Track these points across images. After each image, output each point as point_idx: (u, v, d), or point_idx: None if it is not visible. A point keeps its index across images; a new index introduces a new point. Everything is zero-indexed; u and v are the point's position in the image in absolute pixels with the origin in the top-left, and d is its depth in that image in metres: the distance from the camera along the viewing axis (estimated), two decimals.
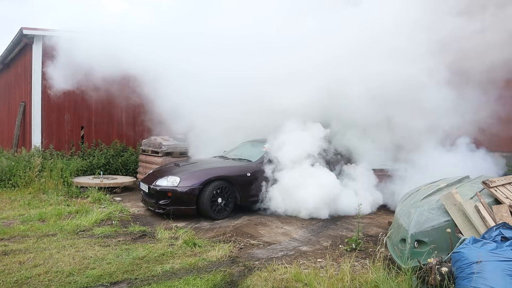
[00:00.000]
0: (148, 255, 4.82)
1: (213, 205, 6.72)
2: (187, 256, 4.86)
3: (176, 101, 8.73)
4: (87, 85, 10.07)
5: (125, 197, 8.76)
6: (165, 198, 6.70)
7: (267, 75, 7.62)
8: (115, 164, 10.93)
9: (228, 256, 4.87)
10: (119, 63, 8.59)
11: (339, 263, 4.54)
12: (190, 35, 8.71)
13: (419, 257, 3.89)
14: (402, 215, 4.54)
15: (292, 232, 6.10)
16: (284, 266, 4.37)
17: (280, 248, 5.30)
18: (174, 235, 5.61)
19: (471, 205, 4.18)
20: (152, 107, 9.62)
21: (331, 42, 7.19)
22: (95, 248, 5.07)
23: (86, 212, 6.75)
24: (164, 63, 8.62)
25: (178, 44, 8.67)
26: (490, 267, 3.11)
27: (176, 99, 8.76)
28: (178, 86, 8.48)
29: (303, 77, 7.36)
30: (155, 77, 8.80)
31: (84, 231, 5.87)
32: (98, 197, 8.04)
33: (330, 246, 5.41)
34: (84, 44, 8.80)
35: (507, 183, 4.94)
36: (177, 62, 8.57)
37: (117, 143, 11.43)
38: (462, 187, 4.93)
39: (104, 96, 10.71)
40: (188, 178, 6.79)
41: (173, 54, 8.63)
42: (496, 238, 3.50)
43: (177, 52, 8.60)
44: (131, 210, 7.41)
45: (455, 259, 3.43)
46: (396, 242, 4.37)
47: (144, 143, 10.34)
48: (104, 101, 10.91)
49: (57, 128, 10.86)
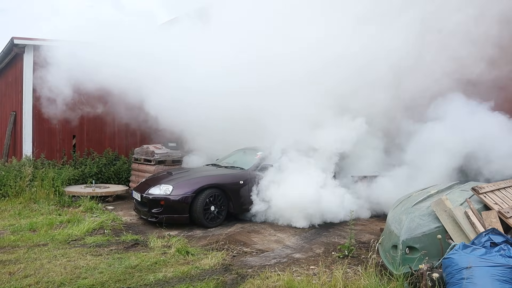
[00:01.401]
0: (140, 264, 4.80)
1: (206, 213, 6.71)
2: (180, 264, 4.84)
3: (169, 110, 8.74)
4: (79, 94, 10.05)
5: (117, 206, 8.71)
6: (157, 207, 6.68)
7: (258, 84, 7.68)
8: (107, 172, 10.87)
9: (221, 264, 4.86)
10: (111, 72, 8.60)
11: (332, 270, 4.55)
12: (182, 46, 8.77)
13: (410, 263, 3.93)
14: (393, 222, 4.58)
15: (285, 239, 6.11)
16: (277, 273, 4.38)
17: (273, 255, 5.31)
18: (167, 244, 5.59)
19: (461, 211, 4.24)
20: (144, 115, 9.62)
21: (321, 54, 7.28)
22: (87, 257, 5.03)
23: (78, 222, 6.70)
24: (157, 72, 8.65)
25: (171, 53, 8.71)
26: (480, 272, 3.16)
27: (168, 108, 8.77)
28: (170, 95, 8.49)
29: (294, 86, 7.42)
30: (147, 86, 8.81)
31: (76, 241, 5.82)
32: (90, 206, 7.98)
33: (323, 253, 5.43)
34: (75, 53, 8.80)
35: (496, 189, 5.01)
36: (169, 70, 8.61)
37: (109, 151, 11.38)
38: (452, 193, 4.98)
39: (96, 105, 10.70)
40: (180, 186, 6.78)
41: (165, 63, 8.67)
42: (486, 243, 3.55)
43: (168, 61, 8.65)
44: (124, 219, 7.36)
45: (446, 265, 3.47)
46: (388, 249, 4.41)
47: (137, 152, 10.31)
48: (96, 110, 10.88)
49: (48, 137, 10.79)
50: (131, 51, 8.64)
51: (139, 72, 8.62)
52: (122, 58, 8.58)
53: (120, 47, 8.70)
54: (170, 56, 8.73)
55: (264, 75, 7.64)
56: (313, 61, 7.20)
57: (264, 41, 7.80)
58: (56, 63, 9.15)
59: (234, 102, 7.89)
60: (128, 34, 8.80)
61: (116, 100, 9.63)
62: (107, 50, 8.68)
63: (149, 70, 8.66)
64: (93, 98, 10.44)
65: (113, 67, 8.54)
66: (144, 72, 8.65)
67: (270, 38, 7.76)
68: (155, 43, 8.84)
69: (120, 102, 9.57)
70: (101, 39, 8.85)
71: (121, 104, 9.66)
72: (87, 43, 9.00)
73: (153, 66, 8.65)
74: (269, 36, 7.79)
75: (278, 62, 7.54)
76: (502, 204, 4.56)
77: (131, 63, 8.55)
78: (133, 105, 9.39)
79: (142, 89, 8.83)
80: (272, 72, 7.56)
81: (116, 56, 8.59)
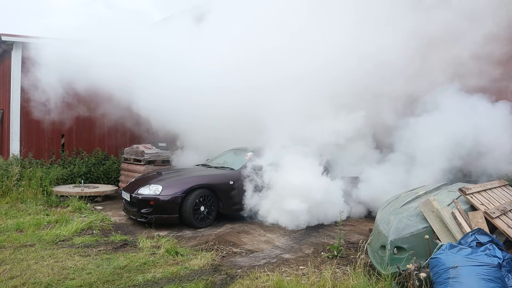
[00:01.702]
0: (129, 265, 4.77)
1: (195, 214, 6.69)
2: (169, 265, 4.82)
3: (159, 110, 8.70)
4: (68, 93, 9.94)
5: (106, 206, 8.64)
6: (147, 207, 6.64)
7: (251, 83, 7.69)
8: (96, 172, 10.78)
9: (211, 264, 4.85)
10: (101, 71, 8.53)
11: (321, 270, 4.58)
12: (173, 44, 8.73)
13: (398, 263, 3.97)
14: (382, 222, 4.62)
15: (275, 240, 6.12)
16: (266, 274, 4.39)
17: (263, 256, 5.31)
18: (156, 244, 5.57)
19: (448, 212, 4.29)
20: (134, 115, 9.56)
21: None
22: (75, 258, 4.99)
23: (66, 222, 6.62)
24: (147, 72, 8.61)
25: (161, 52, 8.67)
26: (466, 271, 3.20)
27: (159, 108, 8.73)
28: (161, 94, 8.45)
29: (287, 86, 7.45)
30: (137, 85, 8.76)
31: (64, 241, 5.76)
32: (79, 206, 7.91)
33: (312, 253, 5.45)
34: (65, 51, 8.70)
35: (483, 190, 5.09)
36: (160, 69, 8.57)
37: (98, 151, 11.28)
38: (440, 194, 5.05)
39: (86, 104, 10.60)
40: (170, 186, 6.76)
41: (156, 61, 8.63)
42: (472, 243, 3.60)
43: (159, 59, 8.61)
44: (113, 219, 7.31)
45: (433, 265, 3.51)
46: (377, 249, 4.44)
47: (126, 152, 10.24)
48: (85, 109, 10.79)
49: (36, 136, 10.66)
50: (121, 50, 8.58)
51: (130, 71, 8.57)
52: (113, 56, 8.51)
53: (111, 45, 8.63)
54: (160, 54, 8.68)
55: (255, 74, 7.66)
56: (312, 59, 7.25)
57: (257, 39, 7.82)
58: (45, 61, 9.05)
59: (225, 100, 7.90)
60: (119, 32, 8.73)
61: (106, 99, 9.57)
62: (97, 49, 8.61)
63: (139, 69, 8.60)
64: (83, 97, 10.35)
65: (103, 65, 8.47)
66: (135, 71, 8.59)
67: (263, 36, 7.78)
68: (146, 42, 8.79)
69: (110, 101, 9.50)
70: (92, 37, 8.78)
71: (111, 103, 9.60)
72: (77, 41, 8.91)
73: (144, 64, 8.60)
74: (259, 35, 7.81)
75: (272, 60, 7.57)
76: (488, 204, 4.64)
77: (122, 62, 8.49)
78: (123, 105, 9.33)
79: (132, 88, 8.77)
80: (262, 71, 7.58)
81: (106, 55, 8.52)
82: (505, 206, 4.77)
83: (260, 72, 7.64)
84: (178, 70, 8.49)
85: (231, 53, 8.06)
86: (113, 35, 8.75)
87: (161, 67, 8.58)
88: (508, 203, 5.00)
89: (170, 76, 8.51)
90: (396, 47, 6.92)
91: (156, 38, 8.89)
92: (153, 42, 8.79)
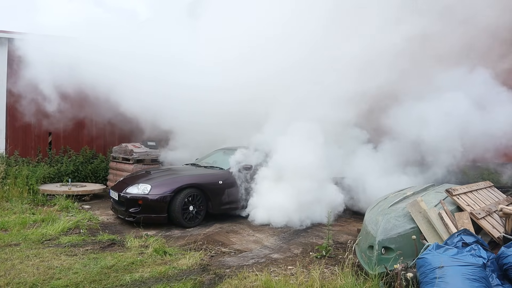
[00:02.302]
0: (117, 264, 4.73)
1: (184, 213, 6.66)
2: (157, 264, 4.79)
3: (148, 108, 8.64)
4: (56, 90, 9.79)
5: (94, 205, 8.55)
6: (135, 206, 6.59)
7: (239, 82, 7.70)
8: (84, 171, 10.67)
9: (199, 264, 4.84)
10: (89, 69, 8.44)
11: (309, 270, 4.59)
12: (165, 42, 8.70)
13: (386, 263, 4.00)
14: (370, 223, 4.66)
15: (264, 239, 6.13)
16: (255, 273, 4.38)
17: (251, 255, 5.31)
18: (144, 244, 5.53)
19: (435, 213, 4.35)
20: (123, 113, 9.47)
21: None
22: (61, 257, 4.92)
23: (52, 221, 6.53)
24: (135, 69, 8.54)
25: (151, 51, 8.62)
26: (452, 271, 3.25)
27: (148, 106, 8.67)
28: (149, 93, 8.40)
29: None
30: (126, 83, 8.68)
31: (50, 240, 5.69)
32: (66, 205, 7.81)
33: (301, 253, 5.46)
34: (52, 48, 8.59)
35: (469, 191, 5.17)
36: (148, 69, 8.52)
37: (86, 149, 11.15)
38: (427, 195, 5.11)
39: (74, 101, 10.46)
40: (159, 185, 6.71)
41: (145, 60, 8.57)
42: (458, 244, 3.66)
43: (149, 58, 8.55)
44: (100, 218, 7.24)
45: (420, 265, 3.55)
46: (365, 249, 4.48)
47: (115, 150, 10.15)
48: (73, 107, 10.64)
49: (23, 134, 10.49)
50: (109, 48, 8.50)
51: (118, 68, 8.48)
52: (100, 54, 8.43)
53: (99, 43, 8.55)
54: (148, 52, 8.62)
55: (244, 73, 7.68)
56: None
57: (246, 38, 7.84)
58: (32, 57, 8.92)
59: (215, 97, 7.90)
60: (107, 30, 8.65)
61: (94, 97, 9.46)
62: (85, 46, 8.52)
63: (127, 67, 8.53)
64: (71, 95, 10.20)
65: (91, 63, 8.38)
66: (124, 69, 8.52)
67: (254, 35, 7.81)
68: (134, 40, 8.72)
69: (99, 99, 9.40)
70: (80, 34, 8.68)
71: (99, 101, 9.49)
72: (65, 38, 8.80)
73: (131, 63, 8.53)
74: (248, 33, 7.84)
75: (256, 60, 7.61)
76: (474, 205, 4.71)
77: (109, 60, 8.41)
78: (111, 103, 9.23)
79: (121, 86, 8.69)
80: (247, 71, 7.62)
81: (94, 52, 8.44)
82: (490, 207, 4.85)
83: (249, 70, 7.67)
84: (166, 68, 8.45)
85: (219, 51, 8.07)
86: (101, 32, 8.67)
87: (149, 65, 8.52)
88: (493, 204, 5.09)
89: (158, 74, 8.46)
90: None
91: (144, 35, 8.83)
92: (141, 40, 8.73)
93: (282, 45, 7.56)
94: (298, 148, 6.91)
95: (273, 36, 7.55)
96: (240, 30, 7.99)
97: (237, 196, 7.27)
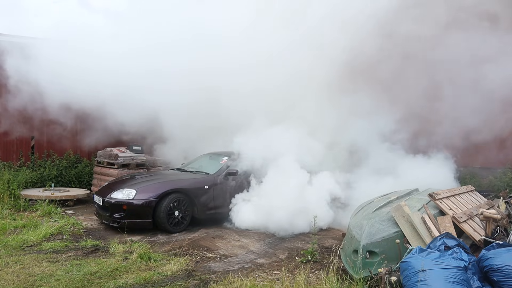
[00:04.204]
0: (100, 270, 4.66)
1: (170, 218, 6.61)
2: (141, 270, 4.74)
3: (134, 112, 8.57)
4: (39, 93, 9.62)
5: (78, 210, 8.41)
6: (120, 211, 6.52)
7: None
8: (68, 176, 10.48)
9: (184, 269, 4.80)
10: (72, 70, 8.33)
11: (295, 274, 4.60)
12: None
13: (370, 267, 4.04)
14: (355, 227, 4.70)
15: (249, 244, 6.12)
16: (240, 279, 4.37)
17: (237, 261, 5.30)
18: (129, 249, 5.46)
19: (418, 217, 4.41)
20: (108, 117, 9.36)
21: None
22: (42, 264, 4.83)
23: (34, 227, 6.40)
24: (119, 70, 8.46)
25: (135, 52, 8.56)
26: (434, 275, 3.29)
27: (134, 110, 8.60)
28: (134, 96, 8.33)
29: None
30: (110, 86, 8.58)
31: (31, 247, 5.58)
32: (49, 210, 7.66)
33: (286, 258, 5.47)
34: (34, 49, 8.47)
35: (451, 195, 5.26)
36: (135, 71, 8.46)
37: (70, 154, 10.97)
38: (411, 200, 5.18)
39: (57, 105, 10.28)
40: (144, 190, 6.65)
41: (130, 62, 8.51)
42: (440, 247, 3.72)
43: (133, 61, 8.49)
44: (84, 224, 7.13)
45: (403, 268, 3.59)
46: (349, 253, 4.51)
47: (100, 155, 10.02)
48: (57, 110, 10.44)
49: (4, 137, 10.27)
50: (88, 49, 8.41)
51: (101, 70, 8.39)
52: (83, 56, 8.34)
53: (76, 44, 8.46)
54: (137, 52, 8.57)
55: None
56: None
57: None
58: (14, 58, 8.77)
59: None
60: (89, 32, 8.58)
61: (78, 99, 9.32)
62: (67, 48, 8.42)
63: (114, 68, 8.44)
64: (55, 97, 10.02)
65: (75, 66, 8.28)
66: (107, 70, 8.42)
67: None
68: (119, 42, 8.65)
69: (83, 102, 9.27)
70: (61, 36, 8.58)
71: (84, 104, 9.36)
72: (46, 39, 8.69)
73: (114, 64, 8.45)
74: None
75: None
76: (456, 209, 4.79)
77: (92, 62, 8.32)
78: (96, 106, 9.12)
79: (106, 88, 8.58)
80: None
81: (77, 54, 8.34)
82: (472, 211, 4.94)
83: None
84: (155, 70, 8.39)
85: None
86: (79, 33, 8.59)
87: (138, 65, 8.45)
88: (475, 208, 5.18)
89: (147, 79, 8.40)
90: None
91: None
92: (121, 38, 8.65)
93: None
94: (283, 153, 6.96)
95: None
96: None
97: (223, 201, 7.25)
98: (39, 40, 8.85)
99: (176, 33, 8.06)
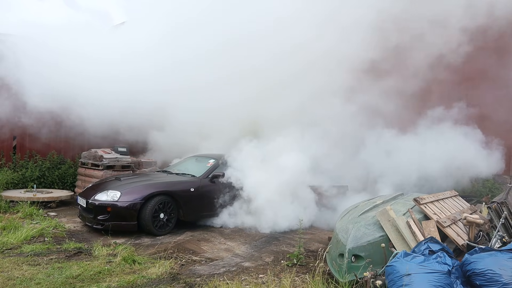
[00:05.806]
0: (83, 274, 4.57)
1: (155, 221, 6.53)
2: (125, 273, 4.67)
3: (119, 113, 8.48)
4: (21, 92, 9.43)
5: (60, 212, 8.25)
6: (104, 213, 6.41)
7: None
8: (51, 177, 10.28)
9: (169, 273, 4.75)
10: (56, 70, 8.21)
11: (280, 278, 4.59)
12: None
13: (355, 271, 4.05)
14: (341, 231, 4.71)
15: (235, 248, 6.08)
16: (226, 282, 4.34)
17: (223, 264, 5.26)
18: (113, 252, 5.38)
19: (403, 221, 4.45)
20: (93, 117, 9.23)
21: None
22: (23, 267, 4.71)
23: (14, 229, 6.25)
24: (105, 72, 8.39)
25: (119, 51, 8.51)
26: (419, 279, 3.32)
27: (119, 110, 8.51)
28: (120, 97, 8.25)
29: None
30: (95, 86, 8.49)
31: (11, 249, 5.44)
32: (30, 212, 7.49)
33: (272, 261, 5.46)
34: (18, 48, 8.32)
35: (436, 200, 5.32)
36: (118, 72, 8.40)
37: (54, 154, 10.77)
38: (396, 204, 5.23)
39: (41, 104, 10.09)
40: (129, 192, 6.57)
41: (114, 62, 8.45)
42: (425, 251, 3.75)
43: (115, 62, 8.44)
44: (67, 226, 6.99)
45: (388, 272, 3.61)
46: (335, 257, 4.52)
47: (84, 156, 9.86)
48: (41, 109, 10.24)
49: None
50: (76, 51, 8.32)
51: (85, 71, 8.30)
52: (66, 58, 8.23)
53: (60, 44, 8.36)
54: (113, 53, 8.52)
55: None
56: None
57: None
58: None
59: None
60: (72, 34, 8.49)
61: (62, 99, 9.17)
62: (53, 47, 8.30)
63: (96, 69, 8.36)
64: (38, 96, 9.83)
65: (57, 66, 8.17)
66: (91, 72, 8.33)
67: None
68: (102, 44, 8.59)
69: (67, 102, 9.13)
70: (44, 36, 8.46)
71: (68, 105, 9.21)
72: (29, 38, 8.55)
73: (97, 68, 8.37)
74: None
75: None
76: (440, 214, 4.85)
77: (75, 63, 8.22)
78: (81, 106, 8.99)
79: (90, 89, 8.48)
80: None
81: (60, 55, 8.23)
82: (455, 216, 5.01)
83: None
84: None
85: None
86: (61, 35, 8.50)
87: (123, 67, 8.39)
88: (458, 212, 5.26)
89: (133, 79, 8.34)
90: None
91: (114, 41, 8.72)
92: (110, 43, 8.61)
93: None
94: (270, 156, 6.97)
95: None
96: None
97: (209, 203, 7.20)
98: (18, 38, 8.68)
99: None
